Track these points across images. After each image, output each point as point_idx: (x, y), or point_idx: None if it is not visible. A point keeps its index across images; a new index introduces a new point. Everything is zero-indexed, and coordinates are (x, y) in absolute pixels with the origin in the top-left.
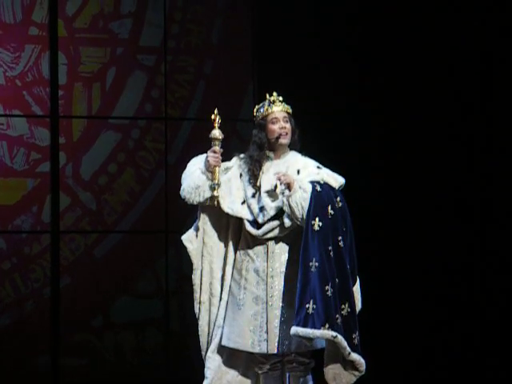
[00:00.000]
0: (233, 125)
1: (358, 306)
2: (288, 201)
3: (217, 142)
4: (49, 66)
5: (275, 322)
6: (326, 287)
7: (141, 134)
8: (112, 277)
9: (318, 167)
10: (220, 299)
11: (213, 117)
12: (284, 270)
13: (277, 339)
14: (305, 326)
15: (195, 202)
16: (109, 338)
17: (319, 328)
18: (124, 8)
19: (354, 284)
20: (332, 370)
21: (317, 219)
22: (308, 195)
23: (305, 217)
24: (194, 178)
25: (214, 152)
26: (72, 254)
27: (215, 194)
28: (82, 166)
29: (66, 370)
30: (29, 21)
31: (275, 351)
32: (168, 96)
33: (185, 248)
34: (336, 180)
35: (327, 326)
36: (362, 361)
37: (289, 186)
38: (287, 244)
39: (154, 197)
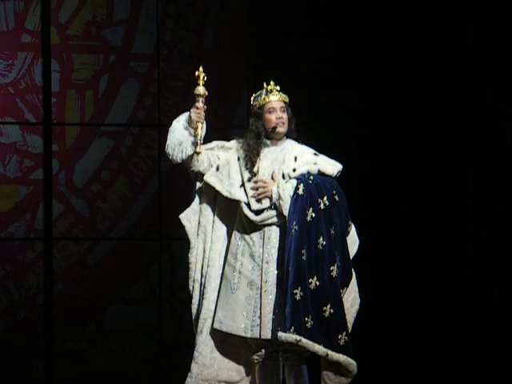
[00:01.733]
0: (226, 132)
1: (357, 300)
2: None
3: (200, 99)
4: (42, 73)
5: (269, 308)
6: (295, 291)
7: (134, 141)
8: (105, 284)
9: (315, 154)
10: (209, 282)
11: (197, 73)
12: (280, 256)
13: (269, 325)
14: (283, 329)
15: (179, 160)
16: (102, 344)
17: (286, 332)
18: (117, 15)
19: (346, 283)
20: (324, 372)
21: (294, 223)
22: (286, 201)
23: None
24: (176, 134)
25: (197, 108)
26: (65, 261)
27: (197, 150)
28: (74, 174)
29: (59, 376)
30: (21, 28)
31: (267, 337)
32: (161, 103)
33: (179, 254)
34: (333, 166)
35: (292, 329)
36: (351, 361)
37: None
38: (284, 230)
39: (147, 204)
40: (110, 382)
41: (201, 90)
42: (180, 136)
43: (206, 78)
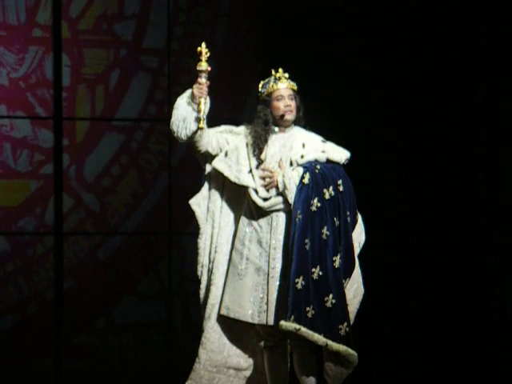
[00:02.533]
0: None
1: (360, 291)
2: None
3: (203, 74)
4: (52, 67)
5: (275, 294)
6: (297, 280)
7: (144, 136)
8: (115, 279)
9: (323, 141)
10: (217, 267)
11: (199, 49)
12: (286, 242)
13: (276, 311)
14: (284, 318)
15: (183, 136)
16: (112, 339)
17: (286, 320)
18: (127, 10)
19: (349, 273)
20: (326, 363)
21: (298, 212)
22: (291, 190)
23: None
24: (180, 111)
25: (199, 83)
26: (75, 255)
27: (200, 125)
28: (85, 168)
29: (69, 372)
30: (32, 22)
31: (273, 323)
32: (171, 98)
33: (188, 249)
34: (341, 153)
35: (292, 318)
36: (351, 352)
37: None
38: (291, 217)
39: (157, 199)
40: (120, 376)
41: (203, 65)
42: (183, 112)
43: (208, 54)
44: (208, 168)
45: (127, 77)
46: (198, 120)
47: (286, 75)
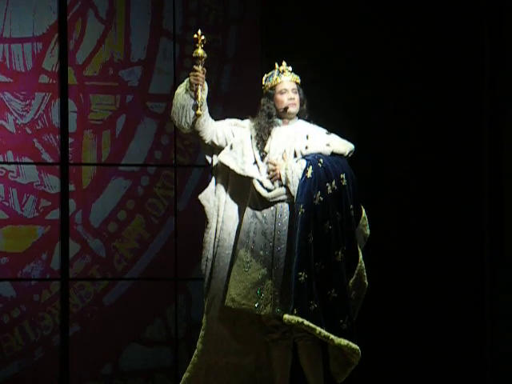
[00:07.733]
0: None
1: (364, 286)
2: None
3: (198, 61)
4: (59, 113)
5: (280, 285)
6: (300, 273)
7: (150, 181)
8: (121, 324)
9: (327, 133)
10: (218, 261)
11: (195, 36)
12: (290, 234)
13: (280, 302)
14: (288, 311)
15: (184, 125)
16: None
17: (289, 313)
18: (134, 56)
19: (352, 267)
20: (330, 356)
21: (301, 206)
22: (294, 184)
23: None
24: (179, 99)
25: (195, 71)
26: (81, 301)
27: (198, 112)
28: (91, 213)
29: None
30: (39, 69)
31: (279, 314)
32: (177, 143)
33: (194, 294)
34: (345, 145)
35: (295, 311)
36: (353, 346)
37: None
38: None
39: (163, 244)
40: None
41: (199, 52)
42: (182, 100)
43: (205, 41)
44: (214, 162)
45: (133, 122)
46: (194, 107)
47: (290, 68)
